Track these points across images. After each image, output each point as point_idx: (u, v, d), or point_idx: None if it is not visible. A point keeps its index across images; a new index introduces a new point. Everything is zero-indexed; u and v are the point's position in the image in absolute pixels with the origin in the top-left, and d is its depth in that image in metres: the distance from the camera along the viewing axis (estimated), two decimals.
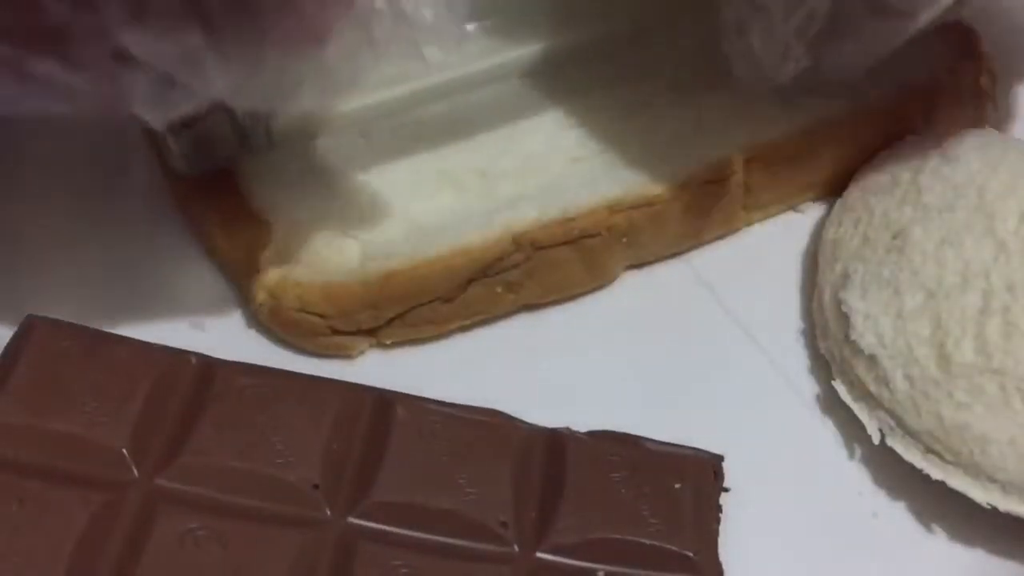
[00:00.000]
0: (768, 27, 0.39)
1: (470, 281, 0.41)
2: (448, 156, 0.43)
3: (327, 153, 0.43)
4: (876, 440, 0.39)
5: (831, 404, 0.40)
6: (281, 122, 0.42)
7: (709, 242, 0.44)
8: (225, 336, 0.41)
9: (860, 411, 0.39)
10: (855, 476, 0.40)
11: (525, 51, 0.46)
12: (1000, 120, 0.45)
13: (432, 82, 0.44)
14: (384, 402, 0.37)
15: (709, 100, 0.44)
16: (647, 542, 0.34)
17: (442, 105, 0.44)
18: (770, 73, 0.40)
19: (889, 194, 0.41)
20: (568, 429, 0.37)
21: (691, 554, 0.34)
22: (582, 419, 0.37)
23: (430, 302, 0.41)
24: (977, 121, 0.45)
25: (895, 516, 0.39)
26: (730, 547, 0.35)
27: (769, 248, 0.44)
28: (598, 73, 0.45)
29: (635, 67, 0.45)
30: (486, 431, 0.36)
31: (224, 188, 0.41)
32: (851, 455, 0.40)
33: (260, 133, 0.41)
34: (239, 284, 0.41)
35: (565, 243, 0.41)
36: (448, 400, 0.37)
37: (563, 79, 0.45)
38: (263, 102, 0.35)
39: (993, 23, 0.44)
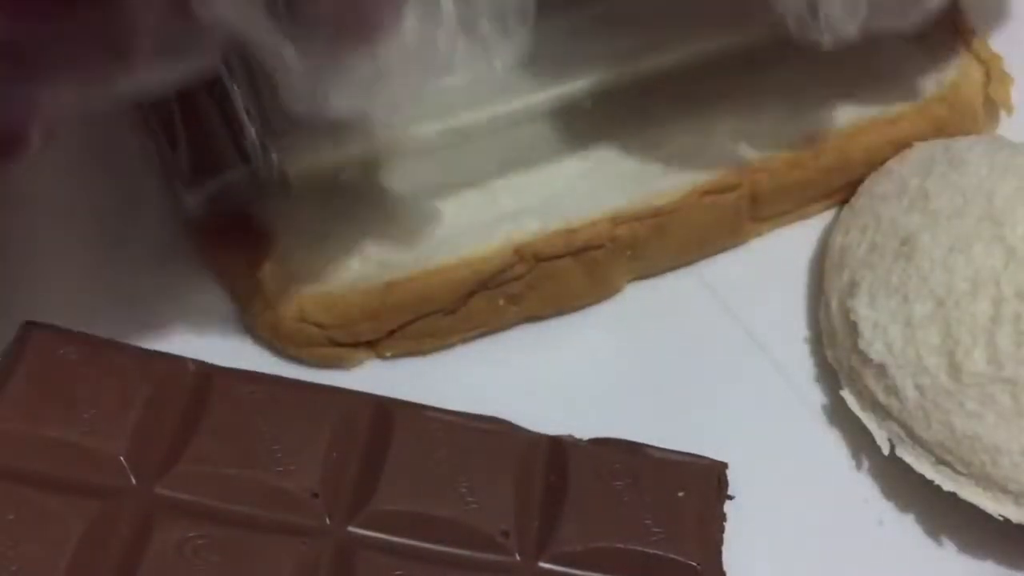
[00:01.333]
0: None
1: (472, 293, 0.40)
2: (449, 165, 0.42)
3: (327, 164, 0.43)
4: (886, 451, 0.38)
5: (839, 414, 0.40)
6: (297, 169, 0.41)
7: (715, 253, 0.43)
8: (223, 345, 0.40)
9: (869, 421, 0.39)
10: (863, 487, 0.39)
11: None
12: (1009, 125, 0.45)
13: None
14: (384, 409, 0.36)
15: (715, 110, 0.44)
16: (650, 551, 0.34)
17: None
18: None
19: (897, 200, 0.41)
20: (570, 436, 0.36)
21: (695, 564, 0.34)
22: (585, 428, 0.37)
23: (431, 314, 0.40)
24: (985, 126, 0.44)
25: (903, 527, 0.38)
26: (734, 556, 0.35)
27: (776, 256, 0.43)
28: (603, 82, 0.45)
29: (641, 76, 0.45)
30: (487, 439, 0.36)
31: None
32: (859, 466, 0.39)
33: (276, 180, 0.40)
34: (238, 293, 0.41)
35: (568, 255, 0.40)
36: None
37: (568, 89, 0.45)
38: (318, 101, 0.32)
39: (1001, 27, 0.44)
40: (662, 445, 0.36)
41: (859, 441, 0.39)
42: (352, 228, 0.41)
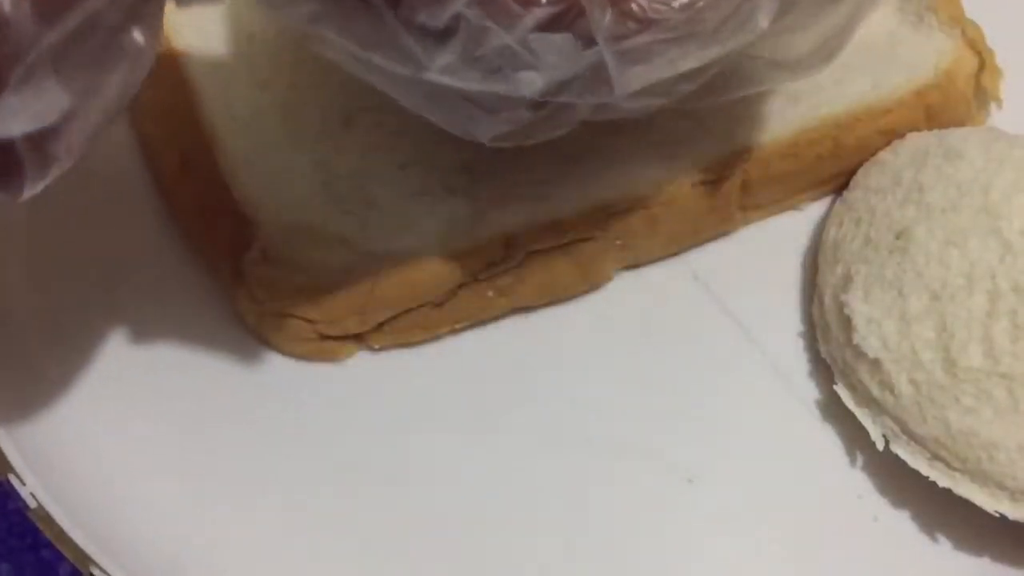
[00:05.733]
0: None
1: (460, 285, 0.40)
2: (438, 153, 0.42)
3: (312, 148, 0.42)
4: (880, 446, 0.38)
5: (833, 409, 0.40)
6: None
7: (705, 241, 0.43)
8: (211, 339, 0.40)
9: (863, 416, 0.38)
10: (857, 483, 0.39)
11: None
12: (1004, 117, 0.44)
13: None
14: None
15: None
16: None
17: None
18: None
19: (891, 193, 0.40)
20: None
21: None
22: (576, 419, 0.36)
23: (419, 307, 0.40)
24: (980, 118, 0.44)
25: (898, 523, 0.38)
26: (727, 552, 0.35)
27: (768, 248, 0.43)
28: None
29: None
30: None
31: (209, 183, 0.40)
32: (853, 462, 0.39)
33: None
34: (225, 284, 0.40)
35: (558, 247, 0.40)
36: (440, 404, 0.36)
37: None
38: None
39: (997, 18, 0.44)
40: (656, 441, 0.36)
41: (853, 437, 0.39)
42: (339, 216, 0.40)
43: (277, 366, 0.40)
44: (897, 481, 0.38)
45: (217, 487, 0.38)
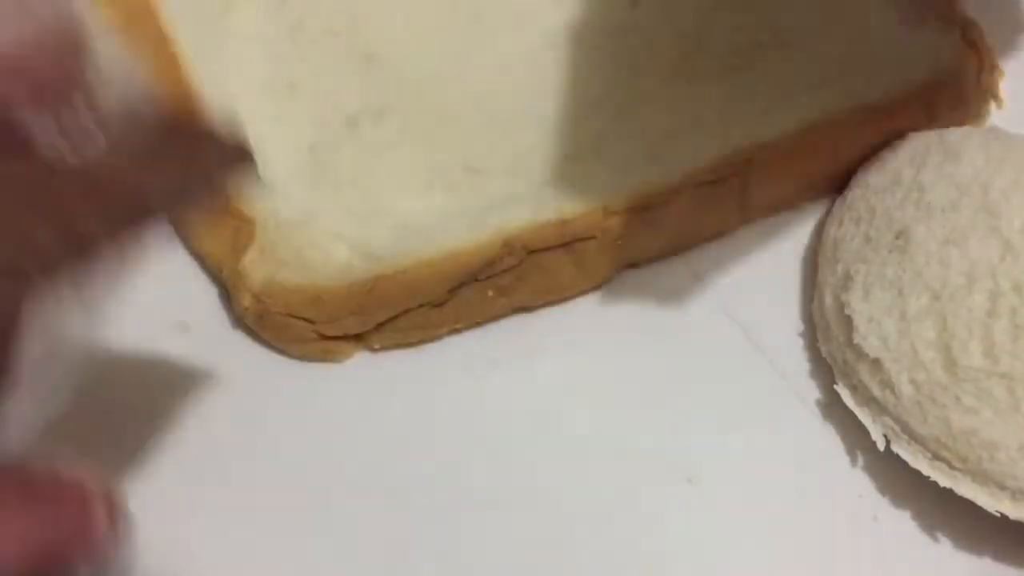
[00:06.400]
0: None
1: (460, 285, 0.40)
2: (438, 153, 0.42)
3: (312, 147, 0.42)
4: (881, 446, 0.38)
5: (833, 409, 0.40)
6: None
7: (705, 242, 0.43)
8: (210, 339, 0.40)
9: (864, 416, 0.38)
10: (858, 482, 0.39)
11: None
12: (1004, 116, 0.44)
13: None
14: None
15: (707, 97, 0.43)
16: None
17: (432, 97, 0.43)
18: None
19: (891, 193, 0.40)
20: None
21: None
22: (575, 419, 0.36)
23: (419, 307, 0.40)
24: (980, 117, 0.44)
25: (899, 523, 0.38)
26: (728, 551, 0.35)
27: (768, 248, 0.43)
28: (594, 69, 0.44)
29: (631, 63, 0.44)
30: None
31: None
32: (854, 461, 0.39)
33: None
34: (224, 284, 0.40)
35: (558, 246, 0.40)
36: (440, 404, 0.36)
37: (558, 74, 0.44)
38: None
39: (996, 17, 0.43)
40: (655, 441, 0.36)
41: (854, 436, 0.39)
42: (338, 215, 0.40)
43: (277, 366, 0.40)
44: (897, 481, 0.38)
45: (216, 487, 0.38)
